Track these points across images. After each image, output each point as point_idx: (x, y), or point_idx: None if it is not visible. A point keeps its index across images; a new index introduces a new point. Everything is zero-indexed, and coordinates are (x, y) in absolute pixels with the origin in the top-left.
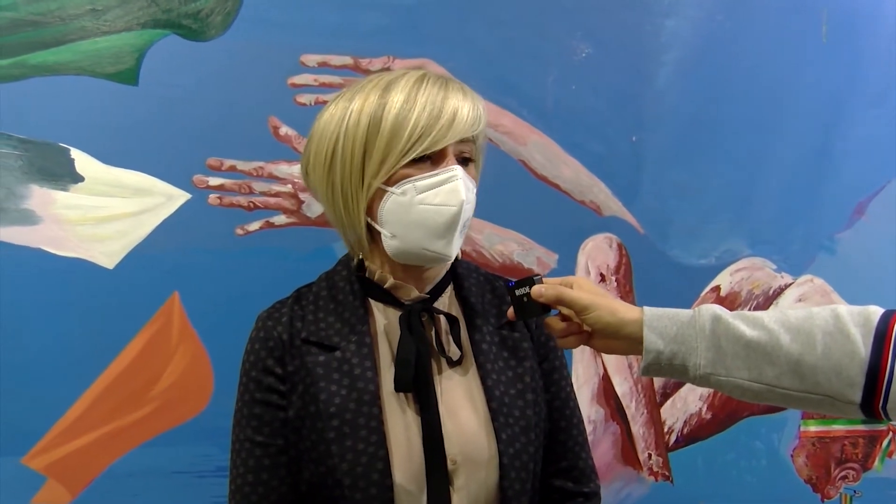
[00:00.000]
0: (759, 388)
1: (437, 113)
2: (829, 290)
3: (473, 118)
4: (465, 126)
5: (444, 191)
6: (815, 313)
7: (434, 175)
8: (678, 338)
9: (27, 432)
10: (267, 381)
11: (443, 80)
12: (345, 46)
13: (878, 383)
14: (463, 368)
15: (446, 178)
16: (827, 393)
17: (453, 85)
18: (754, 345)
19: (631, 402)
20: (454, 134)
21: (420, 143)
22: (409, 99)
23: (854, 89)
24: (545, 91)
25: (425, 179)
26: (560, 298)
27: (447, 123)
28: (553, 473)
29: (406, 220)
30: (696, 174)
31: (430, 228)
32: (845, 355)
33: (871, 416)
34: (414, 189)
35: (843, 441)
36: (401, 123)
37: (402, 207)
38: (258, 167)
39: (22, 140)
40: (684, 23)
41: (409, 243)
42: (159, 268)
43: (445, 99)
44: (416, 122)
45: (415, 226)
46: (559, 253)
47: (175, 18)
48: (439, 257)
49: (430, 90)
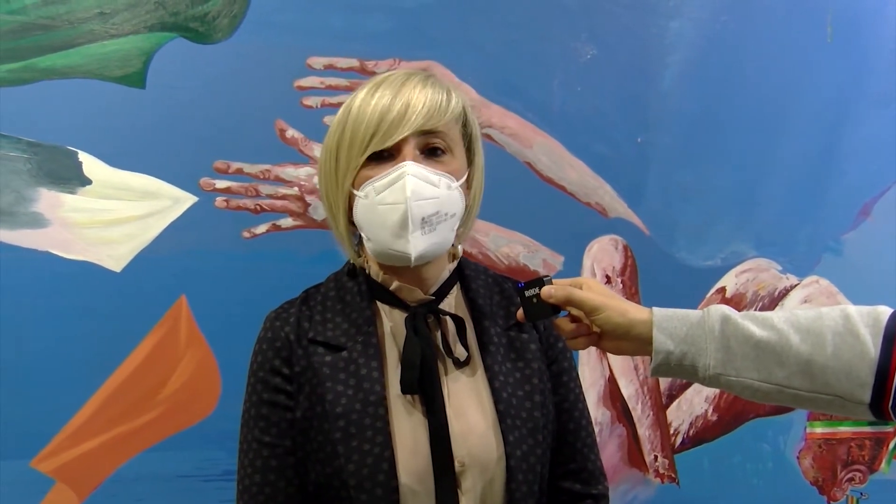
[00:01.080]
0: (768, 389)
1: (386, 108)
2: (834, 291)
3: (430, 108)
4: (419, 118)
5: (395, 189)
6: (825, 314)
7: (387, 175)
8: (688, 338)
9: (35, 435)
10: (274, 381)
11: (406, 76)
12: (351, 49)
13: (888, 383)
14: (470, 370)
15: (396, 175)
16: (837, 393)
17: (415, 79)
18: (764, 345)
19: (637, 404)
20: (406, 127)
21: (372, 140)
22: (365, 98)
23: (859, 90)
24: (550, 93)
25: (381, 180)
26: (570, 299)
27: (397, 117)
28: (561, 475)
29: (372, 221)
30: (702, 175)
31: (388, 228)
32: (855, 356)
33: (880, 416)
34: (373, 190)
35: (849, 443)
36: (356, 124)
37: (368, 209)
38: (265, 170)
39: (30, 143)
40: (689, 24)
41: (378, 245)
42: (166, 271)
43: (398, 93)
44: (369, 120)
45: (378, 227)
46: (565, 255)
47: (182, 21)
48: (401, 256)
49: (387, 88)
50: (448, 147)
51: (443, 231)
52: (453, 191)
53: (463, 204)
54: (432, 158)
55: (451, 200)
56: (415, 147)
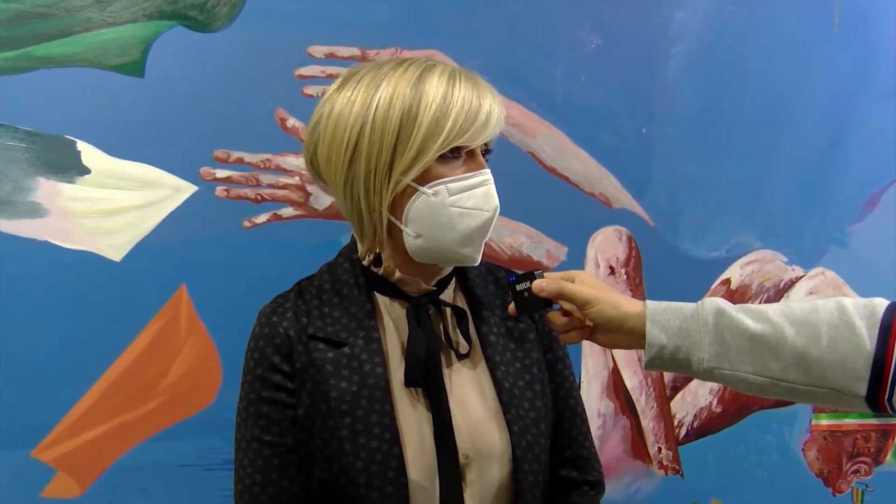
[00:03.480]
0: (763, 382)
1: (474, 112)
2: (840, 282)
3: (500, 118)
4: (495, 127)
5: (478, 194)
6: (820, 306)
7: (468, 178)
8: (681, 332)
9: (36, 425)
10: (274, 378)
11: (473, 79)
12: (352, 38)
13: (884, 376)
14: (472, 361)
15: (480, 181)
16: (832, 386)
17: (483, 84)
18: (758, 338)
19: (641, 395)
20: (487, 134)
21: (456, 141)
22: (447, 95)
23: (866, 81)
24: (554, 83)
25: (459, 182)
26: (561, 293)
27: (482, 124)
28: (558, 463)
29: (435, 221)
30: (707, 166)
31: (459, 232)
32: (851, 348)
33: (876, 409)
34: (446, 191)
35: (855, 435)
36: (439, 120)
37: (433, 208)
38: (265, 159)
39: (28, 132)
40: (694, 14)
41: (435, 244)
42: (167, 260)
43: (481, 98)
44: (456, 119)
45: (444, 228)
46: (568, 245)
47: (181, 10)
48: (466, 261)
49: (465, 88)
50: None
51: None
52: None
53: None
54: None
55: None
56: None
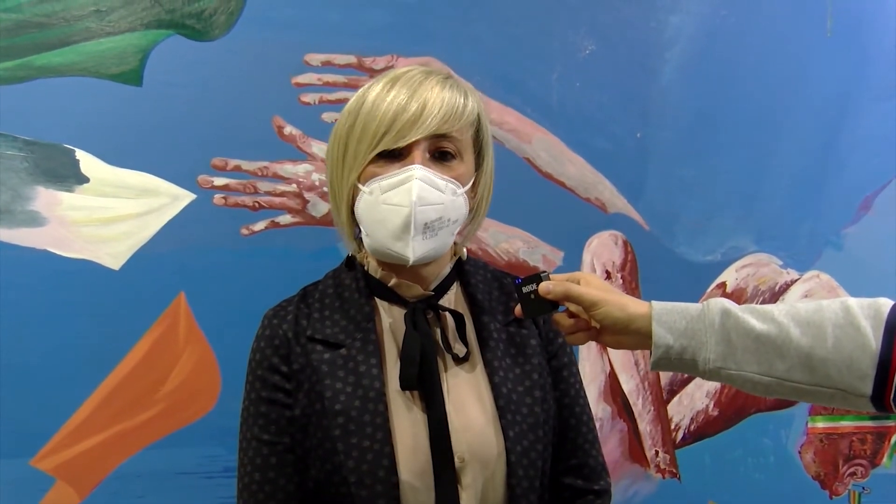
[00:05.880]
0: (769, 382)
1: (402, 107)
2: (835, 285)
3: (446, 112)
4: (434, 121)
5: (401, 191)
6: (825, 306)
7: (395, 175)
8: (688, 332)
9: (35, 434)
10: (273, 379)
11: (426, 74)
12: (349, 45)
13: (889, 376)
14: (470, 365)
15: (404, 177)
16: (838, 386)
17: (434, 79)
18: (764, 338)
19: (638, 399)
20: (420, 130)
21: (383, 138)
22: (381, 93)
23: (859, 84)
24: (549, 88)
25: (388, 179)
26: (568, 294)
27: (412, 118)
28: (563, 471)
29: (373, 218)
30: (702, 170)
31: (388, 229)
32: (856, 348)
33: (881, 408)
34: (379, 188)
35: (851, 437)
36: (370, 119)
37: (370, 206)
38: (263, 167)
39: (27, 142)
40: (688, 18)
41: (376, 242)
42: (165, 268)
43: (415, 93)
44: (383, 117)
45: (379, 225)
46: (564, 250)
47: (178, 19)
48: (399, 258)
49: (399, 91)
50: (458, 152)
51: (443, 236)
52: (458, 197)
53: (466, 209)
54: (441, 162)
55: (454, 206)
56: (425, 150)
